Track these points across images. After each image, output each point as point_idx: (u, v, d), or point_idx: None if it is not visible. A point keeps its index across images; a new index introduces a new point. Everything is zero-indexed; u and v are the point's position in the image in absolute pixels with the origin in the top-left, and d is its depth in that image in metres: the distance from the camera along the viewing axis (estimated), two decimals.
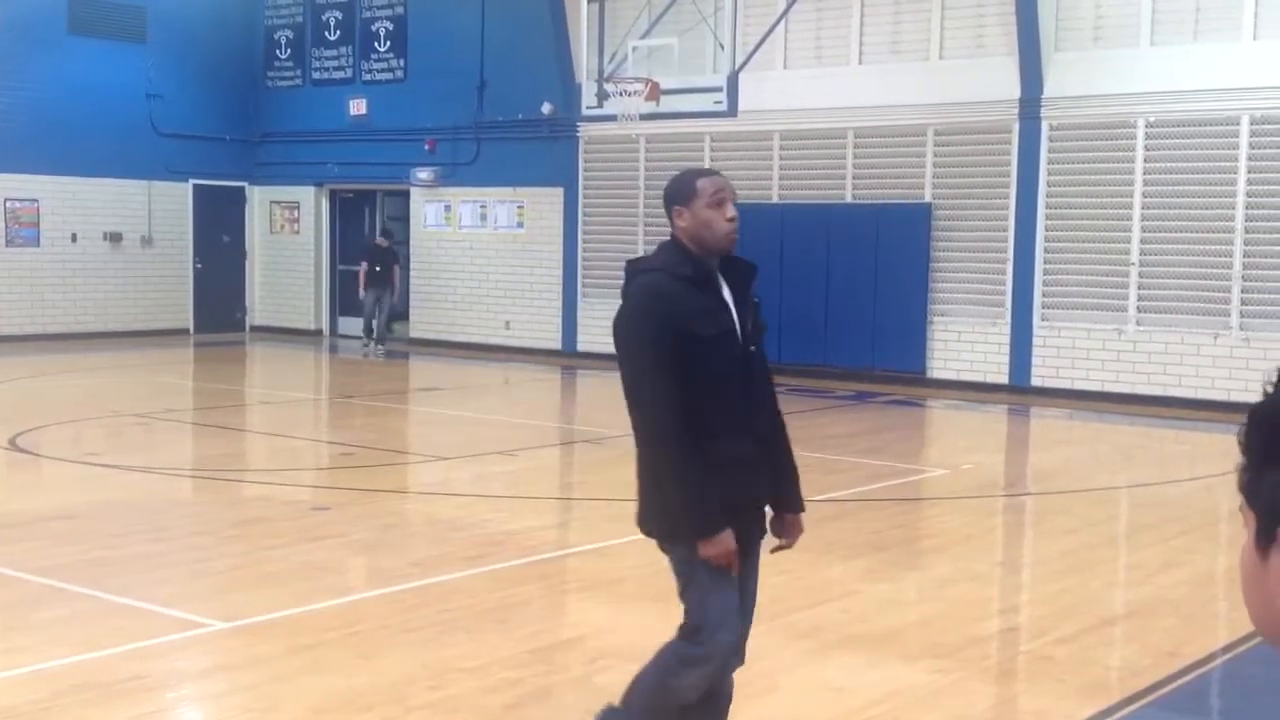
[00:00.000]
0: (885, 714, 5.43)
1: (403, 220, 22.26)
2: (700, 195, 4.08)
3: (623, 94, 15.75)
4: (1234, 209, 15.20)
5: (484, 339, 21.03)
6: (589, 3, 16.25)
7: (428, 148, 21.35)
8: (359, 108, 22.36)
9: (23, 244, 20.98)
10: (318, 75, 23.01)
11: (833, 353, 17.65)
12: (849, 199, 17.77)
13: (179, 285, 22.82)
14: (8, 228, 20.81)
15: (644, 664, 4.30)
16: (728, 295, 4.13)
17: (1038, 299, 16.42)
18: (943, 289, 17.10)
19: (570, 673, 5.99)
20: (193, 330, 22.87)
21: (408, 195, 22.02)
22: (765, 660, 5.47)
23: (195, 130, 22.60)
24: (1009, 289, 16.65)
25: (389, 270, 20.57)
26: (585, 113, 16.69)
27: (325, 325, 23.37)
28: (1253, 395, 1.33)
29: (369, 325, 20.66)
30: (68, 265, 21.44)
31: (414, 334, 21.92)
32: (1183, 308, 15.59)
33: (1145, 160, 15.72)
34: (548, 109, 19.88)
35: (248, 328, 23.71)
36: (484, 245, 21.15)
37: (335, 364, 20.95)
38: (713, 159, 18.31)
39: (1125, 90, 15.70)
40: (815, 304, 17.48)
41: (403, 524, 9.22)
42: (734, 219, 4.10)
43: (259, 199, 23.76)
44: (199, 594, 7.08)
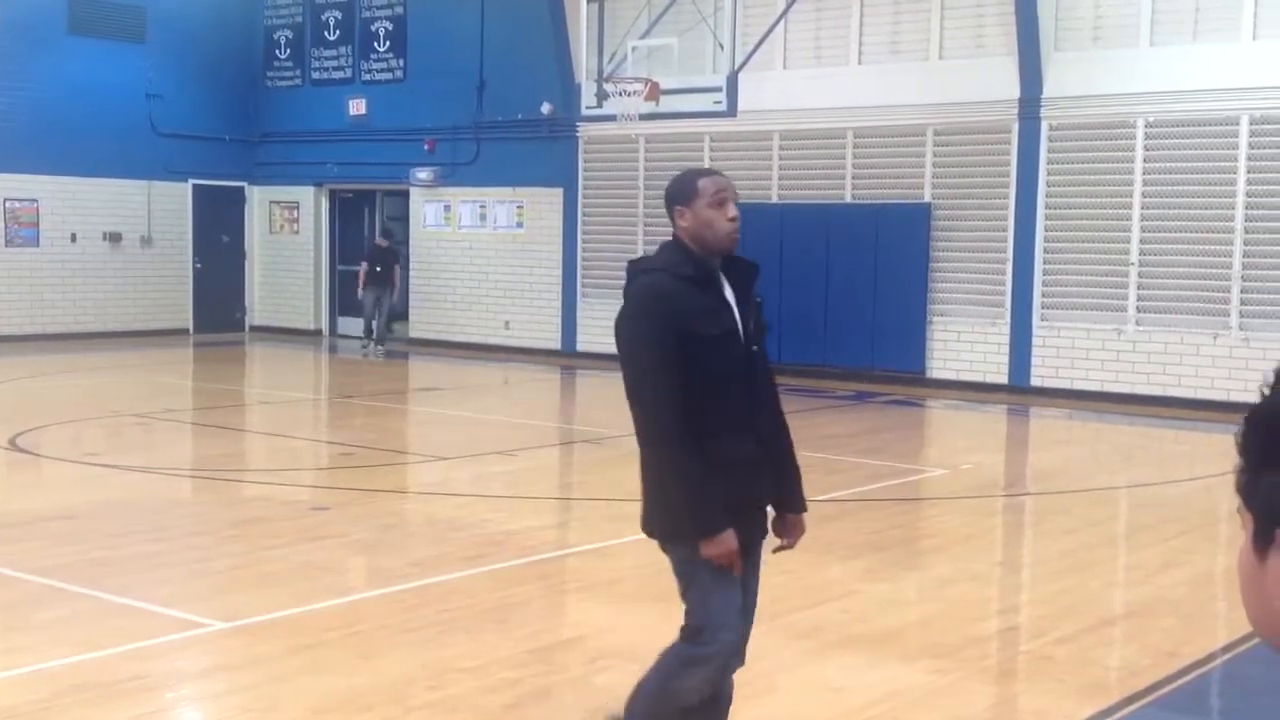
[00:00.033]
0: (885, 714, 5.43)
1: (402, 220, 22.25)
2: (702, 195, 4.07)
3: (622, 94, 15.75)
4: (1233, 209, 15.21)
5: (483, 339, 21.03)
6: (588, 3, 16.24)
7: (427, 148, 21.35)
8: (358, 108, 22.36)
9: (22, 244, 20.98)
10: (317, 75, 23.02)
11: (832, 353, 17.65)
12: (848, 199, 17.77)
13: (178, 285, 22.82)
14: (7, 228, 20.81)
15: (645, 669, 4.29)
16: (730, 295, 4.12)
17: (1037, 299, 16.42)
18: (942, 289, 17.11)
19: (570, 673, 5.99)
20: (192, 330, 22.87)
21: (407, 195, 22.02)
22: (765, 660, 5.47)
23: (195, 130, 22.60)
24: (1008, 289, 16.65)
25: (389, 270, 20.55)
26: (585, 113, 16.68)
27: (325, 325, 23.37)
28: (1252, 395, 1.33)
29: (369, 326, 20.64)
30: (67, 265, 21.44)
31: (413, 334, 21.92)
32: (1182, 308, 15.59)
33: (1145, 160, 15.73)
34: (547, 109, 19.88)
35: (247, 328, 23.71)
36: (483, 245, 21.16)
37: (335, 364, 20.95)
38: (712, 159, 18.31)
39: (1125, 90, 15.70)
40: (815, 304, 17.48)
41: (402, 524, 9.22)
42: (736, 219, 4.09)
43: (258, 199, 23.76)
44: (199, 594, 7.08)
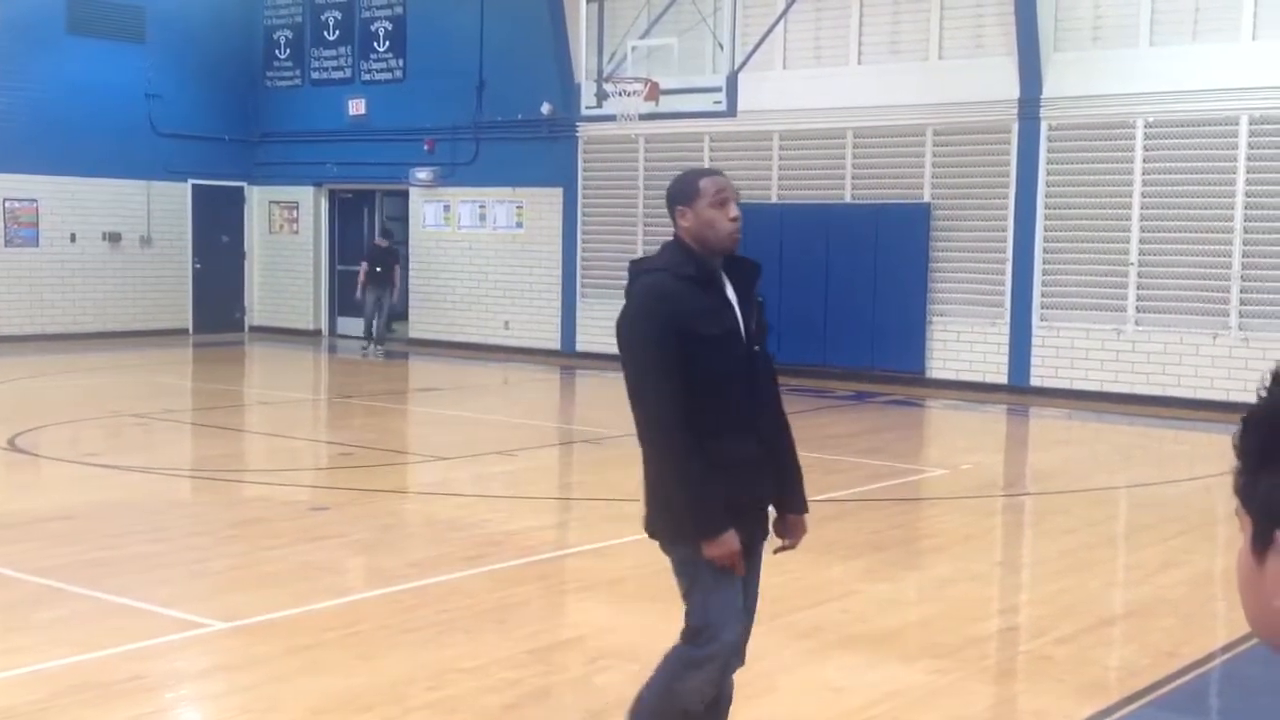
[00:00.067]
0: (885, 714, 5.43)
1: (402, 220, 22.25)
2: (703, 195, 4.07)
3: (622, 94, 15.74)
4: (1233, 209, 15.21)
5: (483, 339, 21.03)
6: (588, 3, 16.24)
7: (427, 148, 21.35)
8: (358, 108, 22.35)
9: (22, 244, 20.98)
10: (317, 75, 23.01)
11: (832, 353, 17.65)
12: (848, 199, 17.77)
13: (178, 285, 22.82)
14: (7, 228, 20.80)
15: (645, 669, 4.29)
16: (731, 295, 4.12)
17: (1037, 299, 16.42)
18: (942, 289, 17.11)
19: (569, 673, 5.99)
20: (192, 330, 22.87)
21: (407, 195, 22.02)
22: (765, 660, 5.47)
23: (194, 130, 22.60)
24: (1008, 289, 16.65)
25: (390, 271, 20.53)
26: (584, 113, 16.68)
27: (324, 325, 23.37)
28: (1251, 396, 1.33)
29: (369, 326, 20.62)
30: (67, 265, 21.44)
31: (413, 334, 21.92)
32: (1182, 308, 15.59)
33: (1144, 160, 15.73)
34: (547, 109, 19.87)
35: (247, 328, 23.70)
36: (483, 245, 21.15)
37: (334, 364, 20.94)
38: (712, 159, 18.30)
39: (1124, 90, 15.70)
40: (814, 304, 17.48)
41: (402, 524, 9.22)
42: (737, 218, 4.09)
43: (258, 199, 23.76)
44: (198, 594, 7.08)
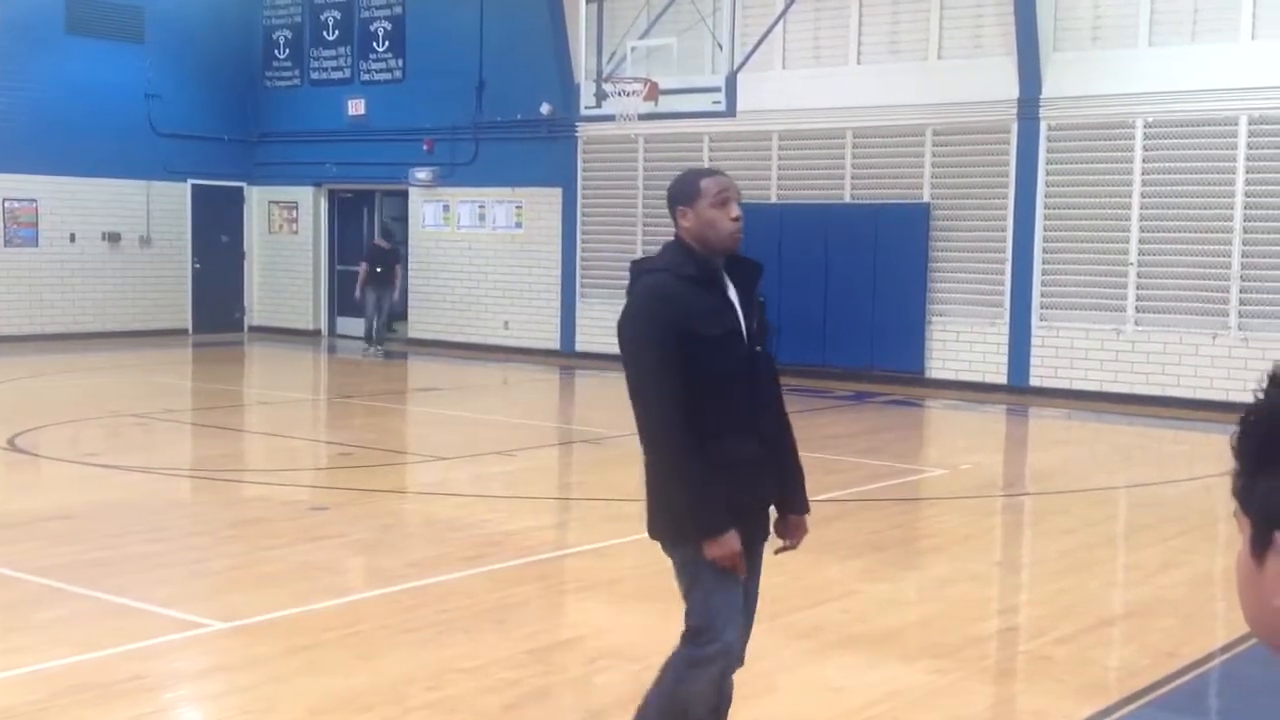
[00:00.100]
0: (884, 714, 5.43)
1: (401, 220, 22.25)
2: (704, 195, 4.06)
3: (621, 94, 15.74)
4: (1232, 209, 15.21)
5: (482, 339, 21.02)
6: (587, 3, 16.24)
7: (426, 148, 21.35)
8: (357, 108, 22.35)
9: (21, 244, 20.97)
10: (316, 75, 23.01)
11: (831, 353, 17.65)
12: (848, 199, 17.77)
13: (177, 285, 22.81)
14: (6, 228, 20.80)
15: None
16: (733, 295, 4.10)
17: (1036, 299, 16.42)
18: (941, 289, 17.10)
19: (569, 673, 5.99)
20: (191, 330, 22.86)
21: (406, 195, 22.02)
22: (764, 660, 5.47)
23: (194, 130, 22.59)
24: (1007, 289, 16.65)
25: (390, 271, 20.53)
26: (584, 113, 16.67)
27: (324, 325, 23.36)
28: (1251, 396, 1.33)
29: (370, 328, 20.61)
30: (66, 265, 21.43)
31: (412, 334, 21.91)
32: (1181, 308, 15.59)
33: (1144, 160, 15.72)
34: (546, 109, 19.87)
35: (246, 328, 23.70)
36: (482, 245, 21.15)
37: (334, 364, 20.94)
38: (711, 159, 18.30)
39: (1124, 90, 15.70)
40: (814, 304, 17.47)
41: (401, 524, 9.22)
42: (739, 218, 4.07)
43: (257, 199, 23.76)
44: (197, 594, 7.08)
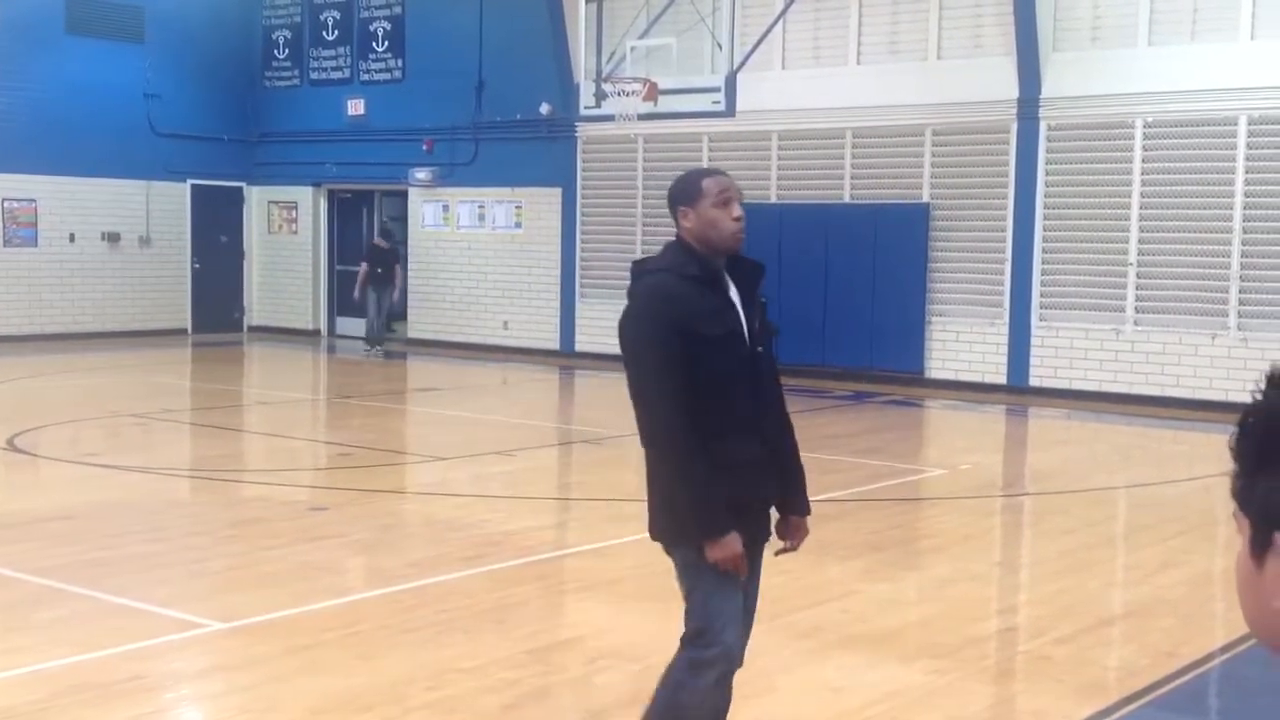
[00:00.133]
0: (884, 714, 5.43)
1: (400, 220, 22.25)
2: (706, 195, 4.04)
3: (621, 94, 15.74)
4: (1232, 209, 15.21)
5: (482, 339, 21.02)
6: (587, 3, 16.24)
7: (426, 148, 21.34)
8: (357, 108, 22.35)
9: (21, 244, 20.97)
10: (316, 75, 23.01)
11: (831, 353, 17.65)
12: (847, 199, 17.77)
13: (177, 285, 22.81)
14: (6, 228, 20.80)
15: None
16: (734, 295, 4.09)
17: (1035, 299, 16.42)
18: (941, 289, 17.10)
19: (568, 673, 5.99)
20: (190, 330, 22.86)
21: (406, 195, 22.01)
22: (764, 660, 5.47)
23: (193, 130, 22.59)
24: (1007, 289, 16.65)
25: (390, 271, 20.54)
26: (583, 113, 16.67)
27: (323, 325, 23.36)
28: (1250, 396, 1.33)
29: (371, 328, 20.61)
30: (66, 265, 21.43)
31: (412, 334, 21.91)
32: (1180, 308, 15.59)
33: (1143, 160, 15.73)
34: (546, 109, 19.87)
35: (246, 328, 23.70)
36: (482, 245, 21.15)
37: (333, 364, 20.93)
38: (711, 159, 18.29)
39: (1123, 90, 15.70)
40: (813, 304, 17.48)
41: (401, 524, 9.22)
42: (740, 218, 4.06)
43: (257, 199, 23.75)
44: (197, 594, 7.08)
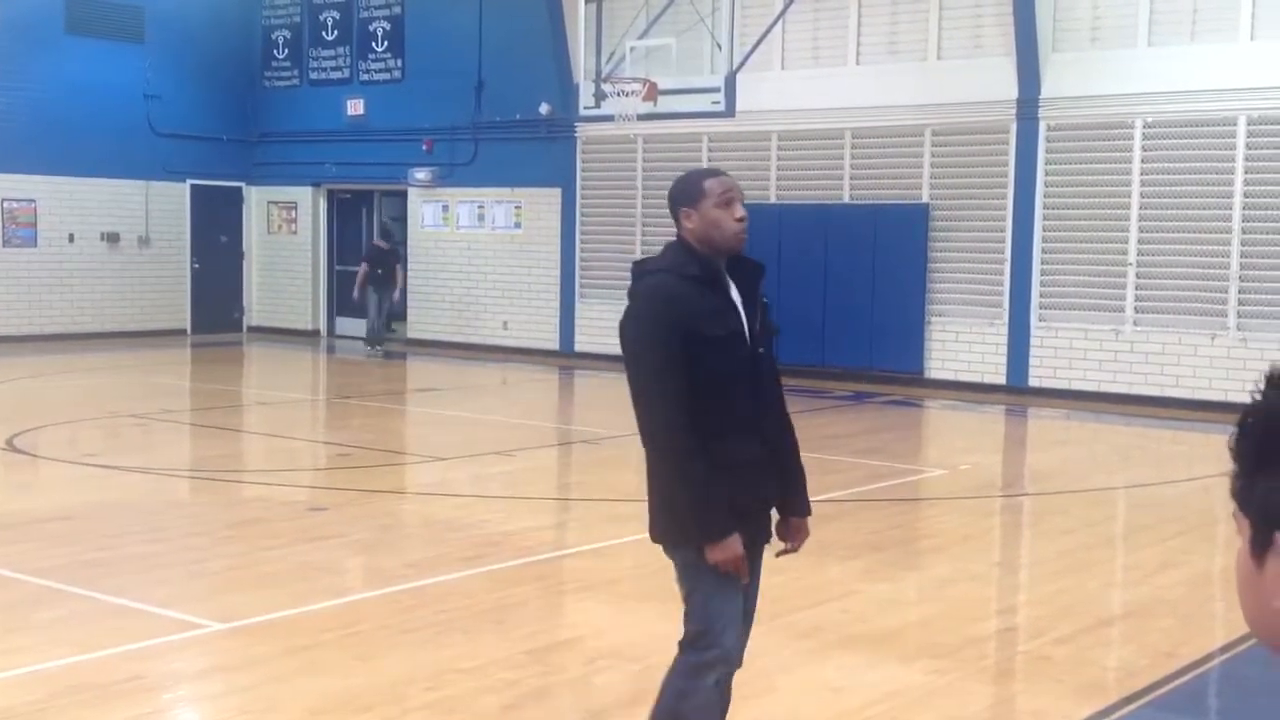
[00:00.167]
0: (883, 714, 5.43)
1: (400, 221, 22.25)
2: (709, 196, 4.02)
3: (620, 94, 15.74)
4: (1231, 209, 15.21)
5: (482, 339, 21.02)
6: (587, 3, 16.24)
7: (425, 148, 21.34)
8: (356, 108, 22.34)
9: (20, 244, 20.97)
10: (315, 75, 23.00)
11: (830, 353, 17.64)
12: (847, 199, 17.77)
13: (176, 285, 22.80)
14: (5, 228, 20.79)
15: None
16: (736, 296, 4.07)
17: (1035, 299, 16.42)
18: (940, 289, 17.10)
19: (567, 673, 5.99)
20: (190, 331, 22.85)
21: (405, 196, 22.01)
22: (764, 660, 5.47)
23: (193, 130, 22.58)
24: (1006, 289, 16.65)
25: (390, 272, 20.54)
26: (583, 113, 16.67)
27: (323, 326, 23.36)
28: (1249, 396, 1.33)
29: (372, 329, 20.62)
30: (65, 265, 21.43)
31: (411, 334, 21.91)
32: (1180, 308, 15.59)
33: (1143, 161, 15.72)
34: (545, 109, 19.87)
35: (245, 328, 23.69)
36: (482, 245, 21.15)
37: (333, 364, 20.93)
38: (710, 159, 18.29)
39: (1123, 91, 15.70)
40: (813, 304, 17.47)
41: (400, 525, 9.22)
42: (743, 219, 4.04)
43: (256, 199, 23.75)
44: (196, 595, 7.08)
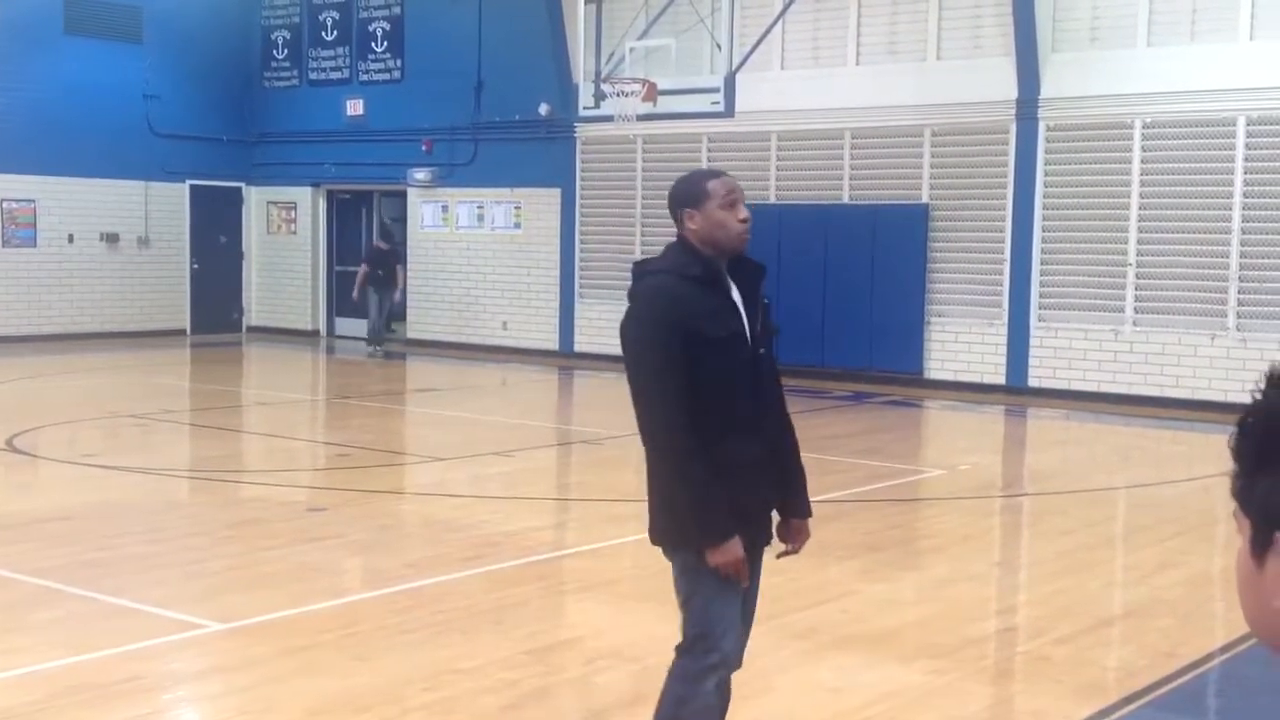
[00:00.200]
0: (882, 714, 5.43)
1: (400, 221, 22.25)
2: (713, 197, 4.00)
3: (620, 95, 15.73)
4: (1231, 210, 15.21)
5: (481, 340, 21.02)
6: (586, 3, 16.24)
7: (425, 148, 21.34)
8: (356, 108, 22.34)
9: (19, 244, 20.96)
10: (314, 76, 23.00)
11: (830, 353, 17.64)
12: (846, 200, 17.77)
13: (176, 286, 22.80)
14: (4, 228, 20.79)
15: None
16: (736, 297, 4.06)
17: (1035, 300, 16.42)
18: (940, 290, 17.10)
19: (567, 673, 5.99)
20: (189, 331, 22.85)
21: (405, 196, 22.01)
22: (762, 660, 5.46)
23: (192, 131, 22.58)
24: (1006, 290, 16.64)
25: (391, 272, 20.54)
26: (582, 113, 16.66)
27: (322, 326, 23.36)
28: (1249, 396, 1.32)
29: (373, 329, 20.62)
30: (64, 266, 21.42)
31: (411, 335, 21.91)
32: (1180, 308, 15.59)
33: (1142, 161, 15.72)
34: (545, 110, 19.86)
35: (244, 328, 23.69)
36: (481, 246, 21.14)
37: (332, 365, 20.93)
38: (710, 160, 18.29)
39: (1122, 91, 15.70)
40: (813, 305, 17.47)
41: (399, 525, 9.21)
42: (747, 219, 4.03)
43: (256, 199, 23.75)
44: (195, 595, 7.07)
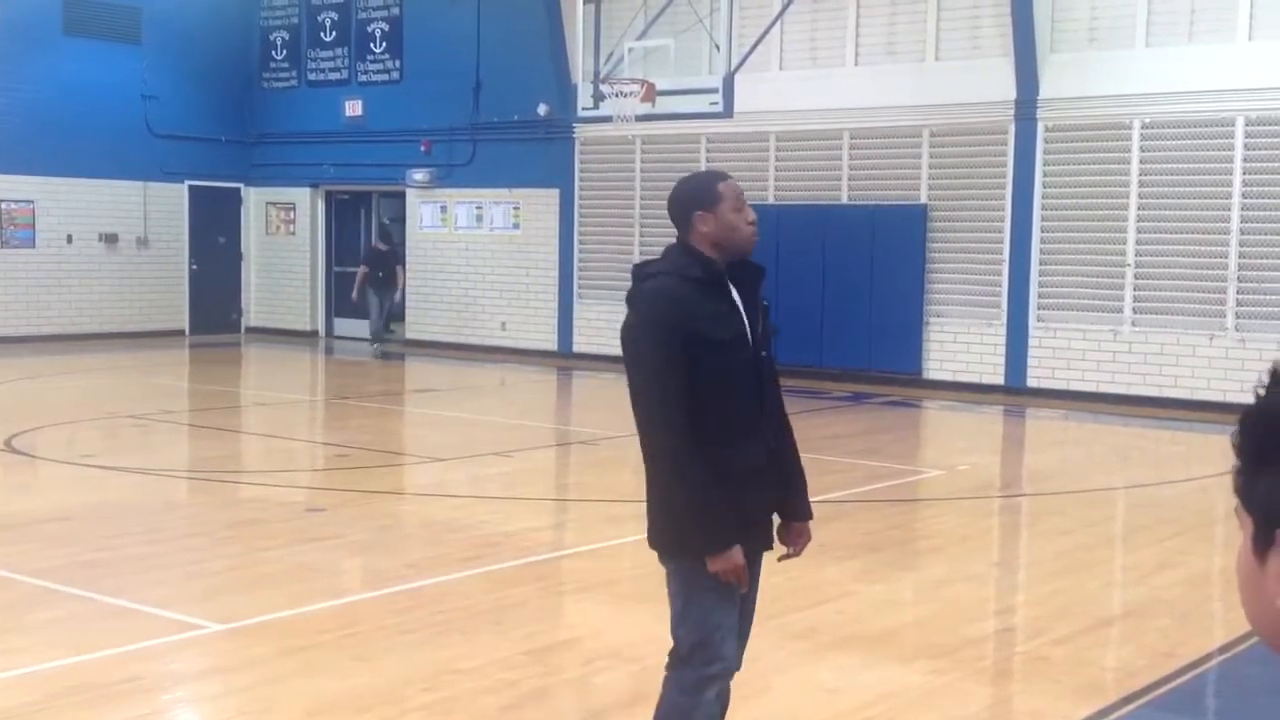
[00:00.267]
0: (881, 715, 5.43)
1: (399, 222, 22.25)
2: (725, 199, 3.99)
3: (618, 95, 15.73)
4: (1229, 210, 15.21)
5: (480, 340, 21.01)
6: (585, 4, 16.24)
7: (423, 149, 21.34)
8: (354, 109, 22.34)
9: (18, 245, 20.96)
10: (313, 76, 23.00)
11: (829, 354, 17.65)
12: (845, 200, 17.77)
13: (174, 286, 22.80)
14: (3, 229, 20.78)
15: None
16: (737, 298, 4.04)
17: (1033, 300, 16.42)
18: (939, 290, 17.10)
19: (566, 674, 5.99)
20: (188, 331, 22.85)
21: (403, 196, 22.01)
22: (760, 661, 5.46)
23: (191, 131, 22.58)
24: (1005, 290, 16.65)
25: (391, 273, 20.55)
26: (581, 114, 16.66)
27: (321, 327, 23.36)
28: (1248, 396, 1.33)
29: (375, 329, 20.63)
30: (63, 266, 21.42)
31: (410, 335, 21.90)
32: (1178, 309, 15.59)
33: (1141, 161, 15.73)
34: (543, 110, 19.86)
35: (243, 329, 23.68)
36: (480, 246, 21.14)
37: (331, 365, 20.93)
38: (709, 160, 18.29)
39: (1121, 91, 15.70)
40: (811, 305, 17.47)
41: (398, 525, 9.21)
42: (755, 222, 4.05)
43: (254, 200, 23.74)
44: (194, 596, 7.07)
